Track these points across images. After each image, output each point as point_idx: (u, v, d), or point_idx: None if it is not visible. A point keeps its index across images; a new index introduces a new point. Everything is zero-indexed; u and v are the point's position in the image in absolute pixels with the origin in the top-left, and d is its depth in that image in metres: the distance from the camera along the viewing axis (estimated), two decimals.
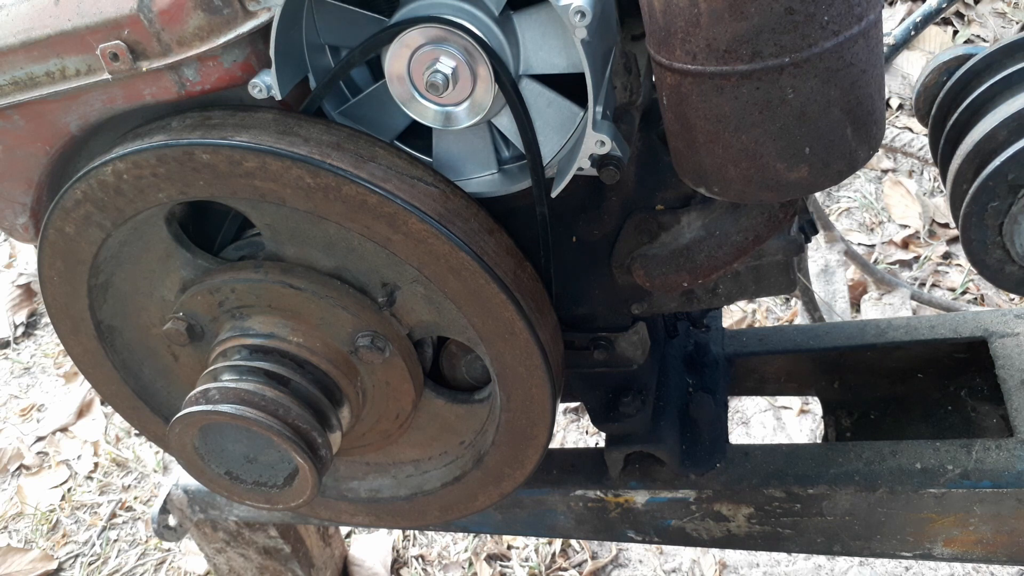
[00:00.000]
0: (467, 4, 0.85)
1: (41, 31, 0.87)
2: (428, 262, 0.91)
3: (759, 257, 0.99)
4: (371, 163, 0.89)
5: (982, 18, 2.74)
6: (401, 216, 0.88)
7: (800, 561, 1.84)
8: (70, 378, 2.64)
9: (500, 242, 0.95)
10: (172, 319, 1.00)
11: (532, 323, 0.95)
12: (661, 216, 1.00)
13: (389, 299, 0.96)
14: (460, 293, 0.93)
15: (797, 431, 2.06)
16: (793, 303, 2.29)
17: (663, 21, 0.76)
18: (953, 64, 0.95)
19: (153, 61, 0.86)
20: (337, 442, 1.00)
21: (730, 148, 0.79)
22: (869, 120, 0.79)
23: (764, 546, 1.17)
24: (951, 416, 1.23)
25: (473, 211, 0.94)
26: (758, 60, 0.73)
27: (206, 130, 0.88)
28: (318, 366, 0.98)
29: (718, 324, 1.30)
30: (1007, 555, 1.08)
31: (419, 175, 0.91)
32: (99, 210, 0.94)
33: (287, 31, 0.86)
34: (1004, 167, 0.81)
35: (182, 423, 0.95)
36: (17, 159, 0.98)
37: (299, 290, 0.95)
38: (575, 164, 0.88)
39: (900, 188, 2.49)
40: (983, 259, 0.87)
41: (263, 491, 1.00)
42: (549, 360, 0.98)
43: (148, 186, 0.91)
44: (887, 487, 1.06)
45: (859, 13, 0.73)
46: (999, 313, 1.21)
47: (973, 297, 2.23)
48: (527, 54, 0.87)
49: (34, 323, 2.90)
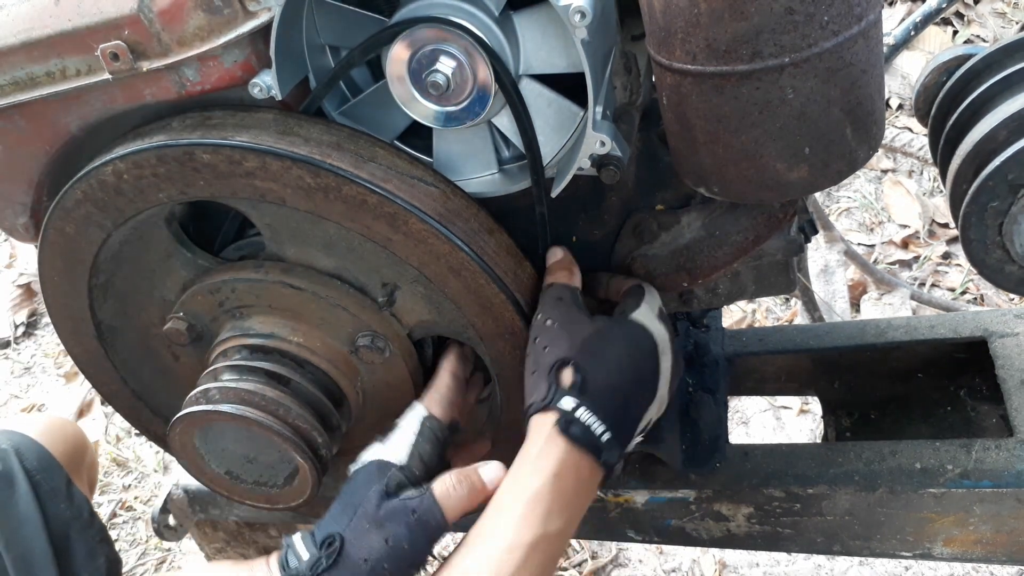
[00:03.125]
0: (467, 4, 0.85)
1: (41, 31, 0.87)
2: (428, 262, 0.91)
3: (759, 257, 0.99)
4: (371, 163, 0.89)
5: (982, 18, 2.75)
6: (401, 216, 0.88)
7: (800, 561, 1.84)
8: (70, 378, 2.65)
9: (500, 242, 0.95)
10: (172, 319, 1.00)
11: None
12: (661, 216, 1.00)
13: (389, 299, 0.96)
14: (460, 293, 0.93)
15: (797, 431, 2.06)
16: (793, 303, 2.29)
17: (663, 21, 0.76)
18: (953, 64, 0.95)
19: (153, 61, 0.86)
20: (338, 442, 1.00)
21: (730, 148, 0.79)
22: (869, 120, 0.79)
23: (764, 546, 1.17)
24: (951, 416, 1.23)
25: (473, 211, 0.94)
26: (758, 60, 0.73)
27: (206, 130, 0.88)
28: (318, 366, 0.98)
29: (718, 324, 1.30)
30: (1007, 555, 1.08)
31: (419, 175, 0.91)
32: (99, 210, 0.94)
33: (287, 31, 0.86)
34: (1004, 167, 0.81)
35: (183, 423, 0.95)
36: (17, 159, 0.98)
37: (299, 290, 0.95)
38: (575, 164, 0.88)
39: (900, 188, 2.49)
40: (983, 259, 0.87)
41: (263, 491, 1.00)
42: None
43: (148, 186, 0.91)
44: (887, 487, 1.06)
45: (859, 13, 0.73)
46: (999, 313, 1.21)
47: (973, 297, 2.23)
48: (527, 54, 0.87)
49: (34, 323, 2.91)
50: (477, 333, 0.96)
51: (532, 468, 0.84)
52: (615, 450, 0.86)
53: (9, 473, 1.19)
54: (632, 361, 0.89)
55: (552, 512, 0.82)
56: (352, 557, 0.82)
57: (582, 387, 0.86)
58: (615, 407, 0.87)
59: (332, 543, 0.82)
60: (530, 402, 0.89)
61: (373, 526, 0.84)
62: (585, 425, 0.84)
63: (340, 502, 0.87)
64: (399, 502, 0.85)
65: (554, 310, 0.93)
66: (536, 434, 0.86)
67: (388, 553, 0.83)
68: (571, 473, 0.84)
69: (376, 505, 0.85)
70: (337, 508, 0.86)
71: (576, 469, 0.84)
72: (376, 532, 0.83)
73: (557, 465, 0.83)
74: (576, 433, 0.84)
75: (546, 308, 0.93)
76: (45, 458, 1.23)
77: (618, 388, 0.87)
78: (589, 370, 0.87)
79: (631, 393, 0.89)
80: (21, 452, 1.22)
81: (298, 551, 0.83)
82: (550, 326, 0.91)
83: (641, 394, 0.90)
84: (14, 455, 1.21)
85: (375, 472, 0.88)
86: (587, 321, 0.91)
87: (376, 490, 0.86)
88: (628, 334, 0.91)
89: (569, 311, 0.92)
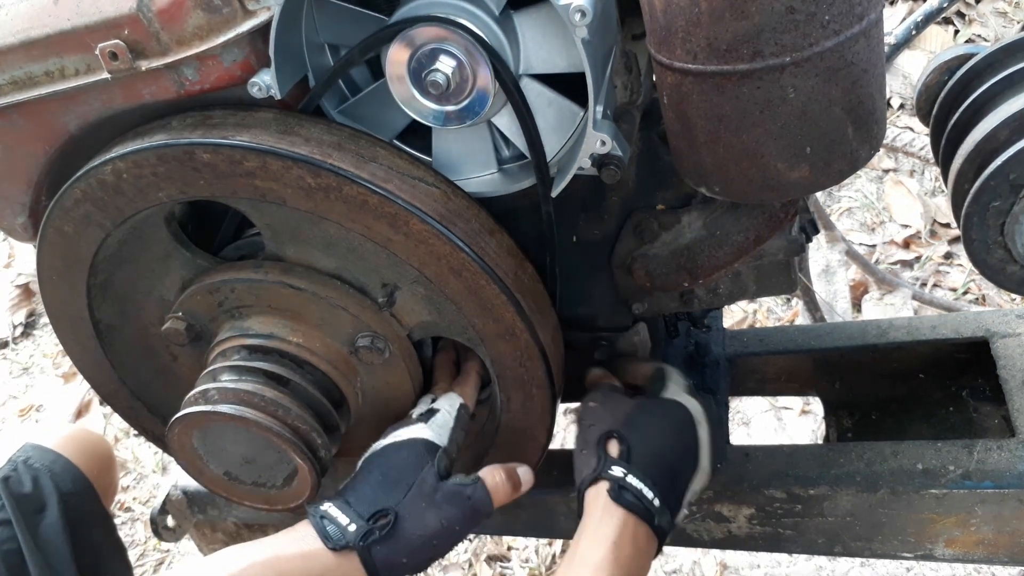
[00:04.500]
0: (467, 3, 0.84)
1: (40, 30, 0.87)
2: (429, 262, 0.91)
3: (760, 257, 0.99)
4: (372, 163, 0.89)
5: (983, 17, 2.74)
6: (402, 217, 0.88)
7: (801, 562, 1.84)
8: (69, 378, 2.64)
9: (501, 243, 0.95)
10: (171, 319, 1.00)
11: (532, 324, 0.95)
12: (662, 216, 0.99)
13: (389, 299, 0.95)
14: (461, 294, 0.92)
15: (798, 432, 2.06)
16: (794, 303, 2.29)
17: (664, 20, 0.76)
18: (954, 63, 0.94)
19: (152, 60, 0.86)
20: (336, 443, 1.00)
21: (731, 147, 0.79)
22: (870, 119, 0.79)
23: (765, 547, 1.17)
24: (952, 416, 1.23)
25: (474, 211, 0.93)
26: (759, 59, 0.73)
27: (206, 129, 0.88)
28: (318, 366, 0.97)
29: (719, 324, 1.30)
30: (1008, 556, 1.08)
31: (420, 175, 0.91)
32: (99, 209, 0.94)
33: (286, 30, 0.86)
34: (1006, 166, 0.81)
35: (182, 423, 0.95)
36: (16, 159, 0.98)
37: (299, 290, 0.95)
38: (576, 163, 0.88)
39: (901, 188, 2.49)
40: (985, 259, 0.87)
41: (262, 492, 1.00)
42: (549, 361, 0.98)
43: (148, 185, 0.91)
44: (888, 488, 1.06)
45: (860, 12, 0.73)
46: (1001, 313, 1.21)
47: (974, 297, 2.23)
48: (527, 53, 0.87)
49: (33, 323, 2.90)
50: (478, 334, 0.96)
51: (592, 539, 0.88)
52: (666, 515, 0.91)
53: (40, 496, 1.17)
54: (672, 431, 0.96)
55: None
56: (405, 532, 0.87)
57: (628, 455, 0.92)
58: (661, 474, 0.92)
59: (386, 516, 0.87)
60: (582, 477, 0.94)
61: (430, 506, 0.89)
62: (636, 490, 0.89)
63: (381, 474, 0.91)
64: (455, 487, 0.91)
65: (596, 394, 1.01)
66: (592, 506, 0.91)
67: (440, 532, 0.89)
68: (629, 541, 0.88)
69: (433, 487, 0.89)
70: (379, 480, 0.90)
71: (633, 537, 0.89)
72: (432, 512, 0.88)
73: (616, 534, 0.88)
74: (629, 500, 0.89)
75: (592, 395, 1.02)
76: (80, 480, 1.22)
77: (662, 456, 0.93)
78: (633, 440, 0.93)
79: (675, 462, 0.94)
80: (55, 472, 1.20)
81: (338, 521, 0.87)
82: (593, 407, 0.99)
83: (684, 463, 0.95)
84: (48, 476, 1.19)
85: (424, 452, 0.92)
86: (627, 400, 0.98)
87: (431, 471, 0.90)
88: (665, 409, 0.98)
89: (610, 394, 1.00)
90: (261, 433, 0.93)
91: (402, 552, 0.88)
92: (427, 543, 0.89)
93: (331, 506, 0.89)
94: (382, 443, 0.95)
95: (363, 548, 0.86)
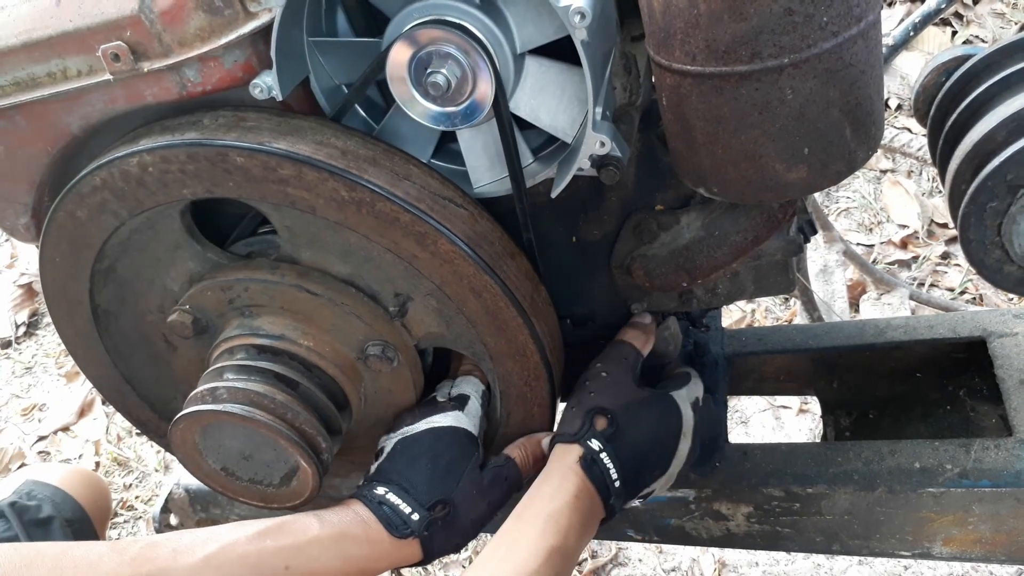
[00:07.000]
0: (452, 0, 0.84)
1: (42, 32, 0.87)
2: (451, 281, 0.92)
3: (758, 257, 0.99)
4: (406, 181, 0.90)
5: (981, 19, 2.75)
6: (432, 236, 0.89)
7: (799, 560, 1.84)
8: (71, 378, 2.65)
9: (520, 266, 0.97)
10: (178, 311, 0.99)
11: (544, 347, 0.97)
12: (661, 216, 1.00)
13: (401, 309, 0.96)
14: (478, 313, 0.94)
15: (796, 430, 2.06)
16: (792, 303, 2.29)
17: (662, 22, 0.76)
18: (952, 65, 0.95)
19: (154, 62, 0.86)
20: (338, 445, 1.00)
21: (729, 149, 0.79)
22: (868, 121, 0.79)
23: (763, 545, 1.17)
24: (950, 416, 1.23)
25: (497, 234, 0.95)
26: (757, 61, 0.73)
27: (242, 132, 0.88)
28: (326, 371, 0.98)
29: (717, 324, 1.30)
30: (1006, 554, 1.08)
31: (450, 196, 0.92)
32: (117, 199, 0.93)
33: (288, 31, 0.86)
34: (1003, 167, 0.81)
35: (188, 420, 0.94)
36: (19, 160, 0.98)
37: (315, 295, 0.95)
38: (575, 164, 0.88)
39: (899, 188, 2.49)
40: (982, 259, 0.87)
41: (258, 489, 1.00)
42: (554, 382, 1.01)
43: (173, 181, 0.91)
44: (886, 486, 1.07)
45: (858, 14, 0.73)
46: (998, 313, 1.21)
47: (972, 297, 2.23)
48: (519, 31, 0.87)
49: (36, 323, 2.91)
50: (487, 351, 0.97)
51: (553, 490, 0.92)
52: (620, 501, 0.96)
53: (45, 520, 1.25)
54: (659, 434, 1.00)
55: (567, 530, 0.90)
56: (460, 519, 0.95)
57: (611, 437, 0.96)
58: (631, 466, 0.97)
59: (445, 506, 0.93)
60: (560, 431, 0.98)
61: (480, 493, 0.96)
62: (605, 467, 0.94)
63: (430, 462, 0.95)
64: (495, 470, 0.99)
65: (612, 365, 1.03)
66: (558, 462, 0.95)
67: (488, 515, 0.97)
68: (585, 504, 0.93)
69: (481, 475, 0.97)
70: (430, 468, 0.95)
71: (589, 503, 0.93)
72: (482, 498, 0.96)
73: (575, 492, 0.92)
74: (596, 473, 0.94)
75: (607, 360, 1.04)
76: (78, 510, 1.31)
77: (639, 450, 0.98)
78: (622, 424, 0.97)
79: (648, 460, 0.99)
80: (57, 503, 1.29)
81: (400, 509, 0.92)
82: (604, 377, 1.01)
83: (656, 464, 1.00)
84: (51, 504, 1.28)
85: (468, 442, 0.98)
86: (635, 387, 1.01)
87: (477, 461, 0.98)
88: (663, 410, 1.01)
89: (625, 373, 1.02)
90: (269, 435, 0.93)
91: (456, 536, 0.95)
92: (477, 527, 0.96)
93: (389, 493, 0.93)
94: (417, 427, 0.99)
95: (426, 537, 0.92)
